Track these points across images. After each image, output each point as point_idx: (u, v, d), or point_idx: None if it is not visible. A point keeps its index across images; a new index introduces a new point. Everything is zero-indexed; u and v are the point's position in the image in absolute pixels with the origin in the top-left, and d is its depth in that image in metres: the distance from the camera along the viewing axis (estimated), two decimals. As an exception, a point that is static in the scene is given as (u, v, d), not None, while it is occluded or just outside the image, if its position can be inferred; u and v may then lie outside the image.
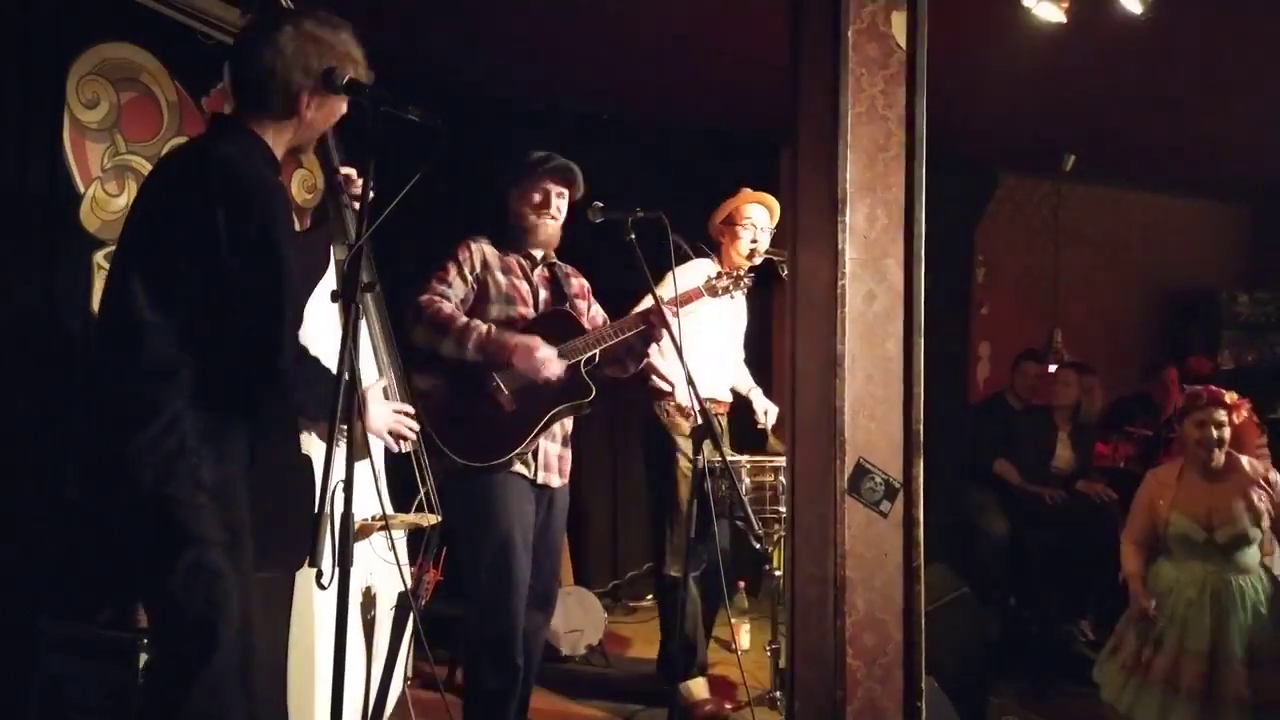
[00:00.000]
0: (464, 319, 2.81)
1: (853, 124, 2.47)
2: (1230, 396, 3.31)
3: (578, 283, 3.12)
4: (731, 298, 3.41)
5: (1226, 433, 3.28)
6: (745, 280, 3.23)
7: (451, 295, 2.86)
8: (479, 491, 2.81)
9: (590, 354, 2.91)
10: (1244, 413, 3.34)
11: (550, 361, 2.81)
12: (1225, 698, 3.07)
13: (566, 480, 3.02)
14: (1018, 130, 5.47)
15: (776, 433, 3.69)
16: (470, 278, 2.90)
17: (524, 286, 2.96)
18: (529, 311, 2.95)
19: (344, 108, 2.08)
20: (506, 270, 2.95)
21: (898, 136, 2.51)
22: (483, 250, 2.93)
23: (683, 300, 3.16)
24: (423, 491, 2.41)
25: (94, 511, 2.00)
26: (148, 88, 3.32)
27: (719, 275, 3.29)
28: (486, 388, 2.82)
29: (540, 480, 2.91)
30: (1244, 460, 3.34)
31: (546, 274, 3.04)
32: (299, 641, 2.11)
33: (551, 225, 2.98)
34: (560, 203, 2.98)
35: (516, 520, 2.83)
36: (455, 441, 2.77)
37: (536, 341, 2.81)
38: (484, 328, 2.80)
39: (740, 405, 3.89)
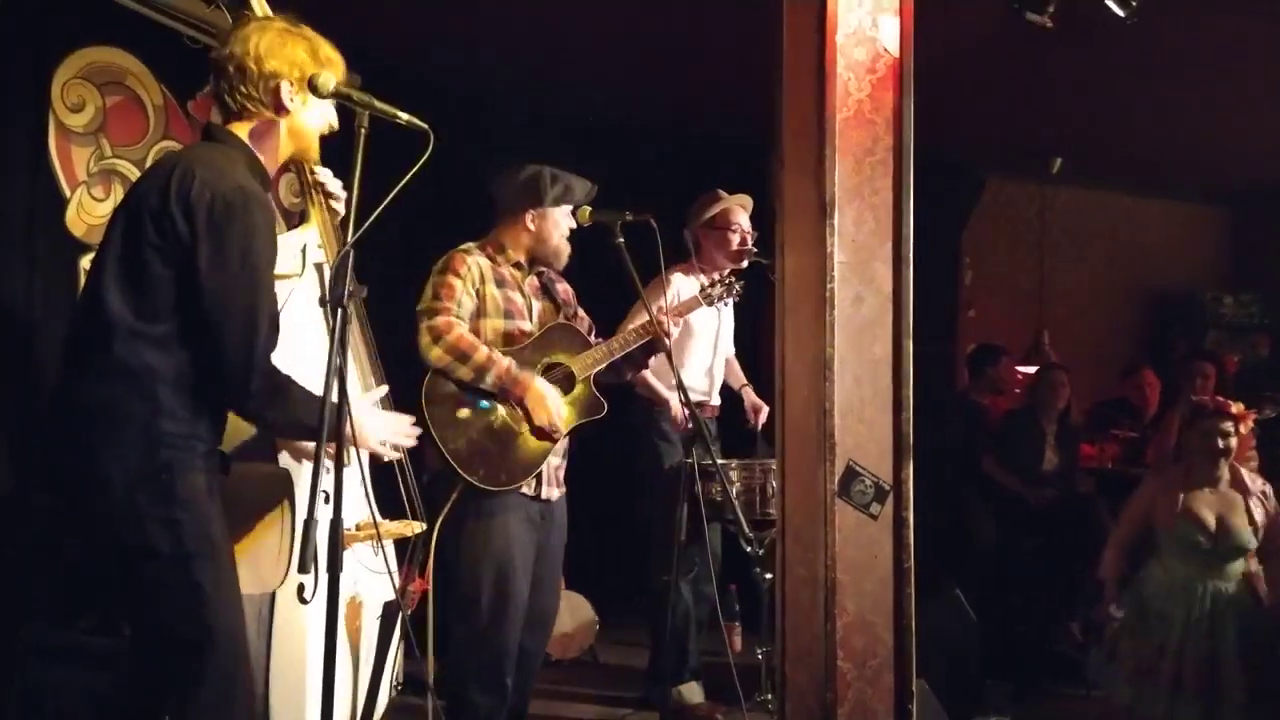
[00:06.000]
0: (485, 350, 2.77)
1: (840, 128, 2.48)
2: (1236, 407, 3.31)
3: (563, 288, 3.10)
4: (725, 304, 3.43)
5: (1233, 443, 3.28)
6: (737, 288, 3.25)
7: (463, 314, 2.82)
8: (483, 513, 2.78)
9: (600, 368, 2.91)
10: (1249, 423, 3.35)
11: (559, 419, 2.81)
12: (1224, 696, 3.12)
13: (564, 490, 3.01)
14: (1004, 134, 5.50)
15: (766, 432, 3.69)
16: (473, 291, 2.85)
17: (518, 299, 2.93)
18: (526, 325, 2.91)
19: (332, 113, 2.07)
20: (500, 282, 2.91)
21: (885, 140, 2.52)
22: (478, 263, 2.88)
23: (683, 309, 3.16)
24: (406, 499, 2.39)
25: (69, 519, 1.97)
26: (133, 91, 3.30)
27: (712, 283, 3.30)
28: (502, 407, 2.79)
29: (544, 495, 2.89)
30: (1243, 471, 3.35)
31: (536, 283, 3.02)
32: (286, 654, 2.09)
33: (568, 246, 2.99)
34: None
35: (517, 543, 2.82)
36: (470, 464, 2.73)
37: (553, 393, 2.81)
38: (504, 364, 2.77)
39: (729, 407, 3.89)
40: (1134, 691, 3.25)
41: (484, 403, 2.78)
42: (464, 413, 2.76)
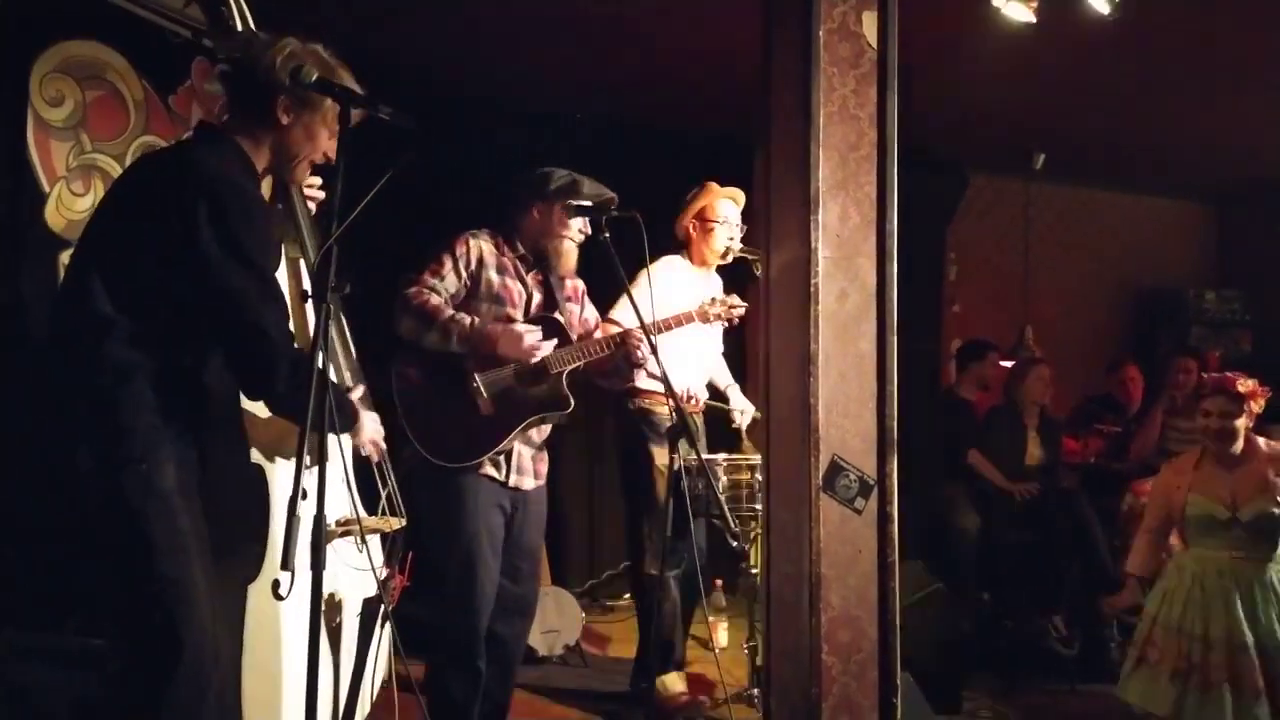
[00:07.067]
0: (450, 311, 2.80)
1: (825, 123, 2.48)
2: (1243, 384, 3.18)
3: (571, 284, 3.10)
4: (728, 324, 3.40)
5: (1238, 421, 3.17)
6: (737, 311, 3.22)
7: (442, 290, 2.84)
8: (447, 492, 2.80)
9: (573, 366, 2.91)
10: (1261, 401, 3.20)
11: (538, 346, 2.80)
12: (1246, 689, 2.97)
13: (542, 482, 3.01)
14: (988, 129, 5.52)
15: (750, 434, 3.69)
16: (465, 273, 2.87)
17: (516, 288, 2.94)
18: (517, 314, 2.92)
19: (330, 144, 2.05)
20: (501, 270, 2.93)
21: (869, 136, 2.53)
22: (480, 246, 2.91)
23: (673, 324, 3.16)
24: (384, 495, 2.38)
25: (53, 517, 1.97)
26: (114, 86, 3.27)
27: (712, 301, 3.29)
28: (466, 388, 2.80)
29: (512, 483, 2.89)
30: (1262, 442, 3.23)
31: (540, 276, 3.02)
32: (261, 654, 2.07)
33: (574, 250, 2.99)
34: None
35: (484, 523, 2.82)
36: (427, 438, 2.76)
37: (521, 328, 2.80)
38: (468, 320, 2.79)
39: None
40: (1175, 694, 3.02)
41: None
42: (419, 387, 2.78)
